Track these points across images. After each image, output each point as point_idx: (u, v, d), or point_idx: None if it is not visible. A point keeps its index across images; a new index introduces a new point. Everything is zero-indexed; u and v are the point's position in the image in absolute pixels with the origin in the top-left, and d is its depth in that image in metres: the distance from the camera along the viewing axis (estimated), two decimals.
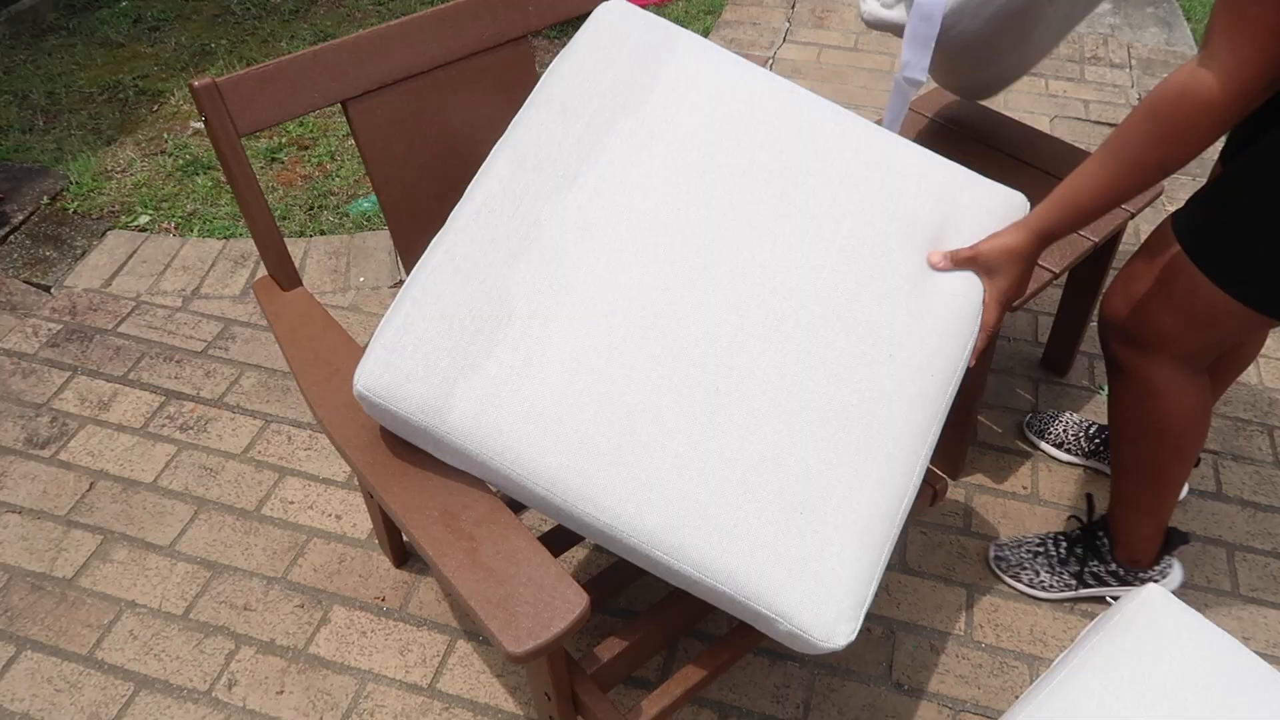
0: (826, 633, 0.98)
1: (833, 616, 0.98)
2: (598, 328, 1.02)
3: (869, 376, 1.06)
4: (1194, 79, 0.96)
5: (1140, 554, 1.48)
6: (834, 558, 0.99)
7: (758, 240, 1.09)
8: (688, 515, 0.98)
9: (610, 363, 1.01)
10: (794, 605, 0.98)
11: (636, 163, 1.10)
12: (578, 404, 0.99)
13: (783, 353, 1.05)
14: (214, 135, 1.16)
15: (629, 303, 1.04)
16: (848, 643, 0.99)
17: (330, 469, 1.80)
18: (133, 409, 1.92)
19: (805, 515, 1.00)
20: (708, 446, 1.00)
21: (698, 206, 1.09)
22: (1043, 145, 1.76)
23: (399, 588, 1.61)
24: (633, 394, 1.00)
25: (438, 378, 0.98)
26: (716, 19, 3.26)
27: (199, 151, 2.66)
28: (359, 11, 3.36)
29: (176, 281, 2.22)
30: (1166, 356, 1.23)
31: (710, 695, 1.45)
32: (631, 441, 0.99)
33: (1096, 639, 1.00)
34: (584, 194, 1.08)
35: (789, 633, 0.98)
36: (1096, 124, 2.73)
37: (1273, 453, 1.82)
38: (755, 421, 1.02)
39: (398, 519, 1.00)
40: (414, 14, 1.28)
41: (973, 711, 1.44)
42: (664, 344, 1.03)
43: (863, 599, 1.00)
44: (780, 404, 1.03)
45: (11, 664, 1.51)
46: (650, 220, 1.08)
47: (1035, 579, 1.56)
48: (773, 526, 0.99)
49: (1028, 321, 2.11)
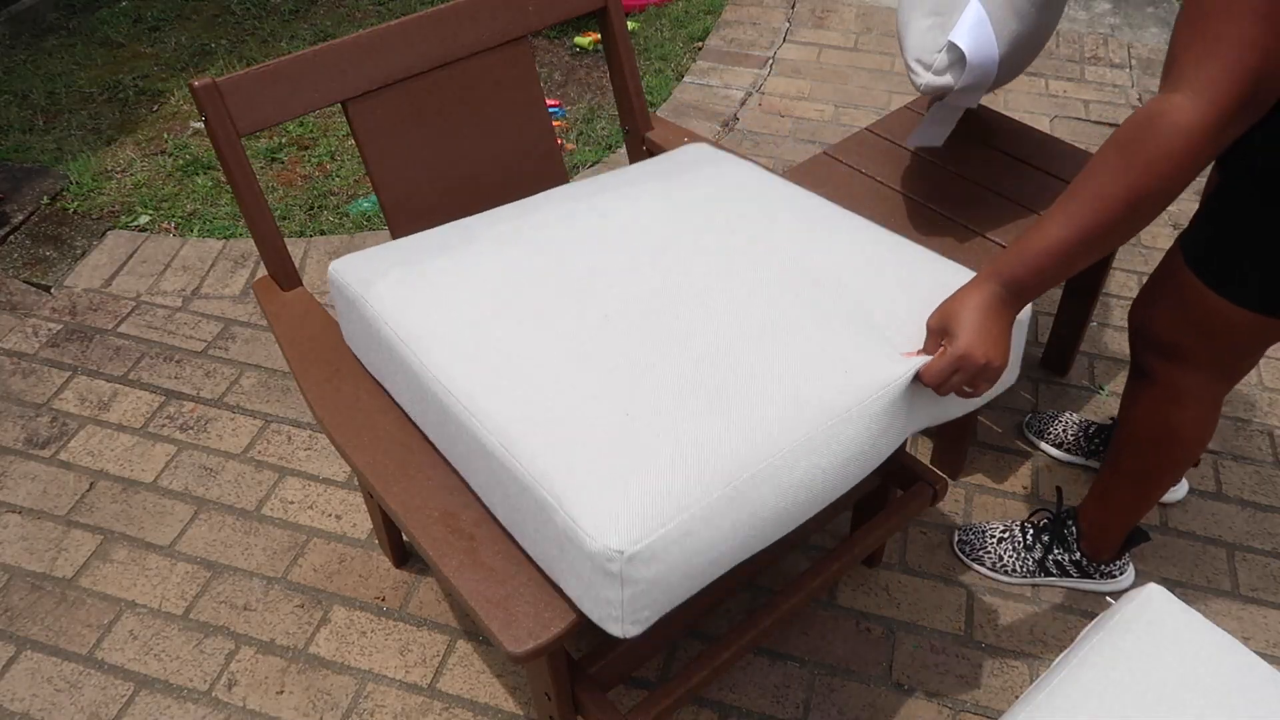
0: (597, 529, 0.85)
1: (611, 521, 0.86)
2: (532, 270, 1.14)
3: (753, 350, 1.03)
4: (1164, 103, 0.88)
5: (1105, 548, 1.52)
6: (652, 476, 0.89)
7: (696, 284, 1.13)
8: (532, 414, 0.96)
9: (525, 295, 1.11)
10: (580, 500, 0.87)
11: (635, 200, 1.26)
12: (486, 311, 1.10)
13: (682, 331, 1.05)
14: (214, 135, 1.16)
15: (567, 268, 1.14)
16: (611, 549, 0.84)
17: (330, 469, 1.80)
18: (133, 409, 1.92)
19: (632, 417, 0.94)
20: (585, 378, 0.99)
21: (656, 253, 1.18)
22: (1043, 145, 1.76)
23: (399, 588, 1.61)
24: (537, 317, 1.07)
25: (383, 266, 1.17)
26: (716, 19, 3.26)
27: (199, 151, 2.66)
28: (359, 11, 3.36)
29: (176, 281, 2.22)
30: (1191, 366, 1.23)
31: (710, 695, 1.45)
32: (516, 354, 1.03)
33: (1096, 639, 1.00)
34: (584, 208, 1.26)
35: (564, 525, 0.88)
36: (1096, 124, 2.73)
37: (1273, 453, 1.82)
38: (631, 368, 1.01)
39: (398, 519, 1.00)
40: (414, 14, 1.28)
41: (973, 711, 1.44)
42: (587, 304, 1.09)
43: (661, 521, 0.87)
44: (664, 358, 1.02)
45: (11, 664, 1.51)
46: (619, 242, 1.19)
47: (999, 563, 1.59)
48: (606, 434, 0.92)
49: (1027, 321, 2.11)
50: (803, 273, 1.13)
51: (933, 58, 1.36)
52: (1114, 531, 1.48)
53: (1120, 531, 1.48)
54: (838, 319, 1.07)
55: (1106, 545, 1.51)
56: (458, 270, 1.14)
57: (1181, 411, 1.27)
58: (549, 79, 2.98)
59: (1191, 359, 1.22)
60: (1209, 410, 1.27)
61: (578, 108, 2.83)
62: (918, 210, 1.62)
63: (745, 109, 2.80)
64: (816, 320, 1.06)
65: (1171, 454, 1.32)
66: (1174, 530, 1.69)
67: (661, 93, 2.88)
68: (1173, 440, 1.30)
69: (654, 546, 0.85)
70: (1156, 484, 1.37)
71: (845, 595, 1.58)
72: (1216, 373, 1.24)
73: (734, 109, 2.80)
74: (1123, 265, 2.24)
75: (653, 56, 3.06)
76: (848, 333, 1.05)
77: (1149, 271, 2.22)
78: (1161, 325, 1.23)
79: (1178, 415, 1.28)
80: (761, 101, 2.83)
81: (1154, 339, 1.25)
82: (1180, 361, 1.24)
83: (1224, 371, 1.23)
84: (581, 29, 3.20)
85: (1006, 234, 1.56)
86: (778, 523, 0.96)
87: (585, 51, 3.11)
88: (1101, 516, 1.48)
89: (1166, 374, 1.26)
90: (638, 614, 0.88)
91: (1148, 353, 1.27)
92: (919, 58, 1.37)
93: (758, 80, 2.93)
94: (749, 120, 2.75)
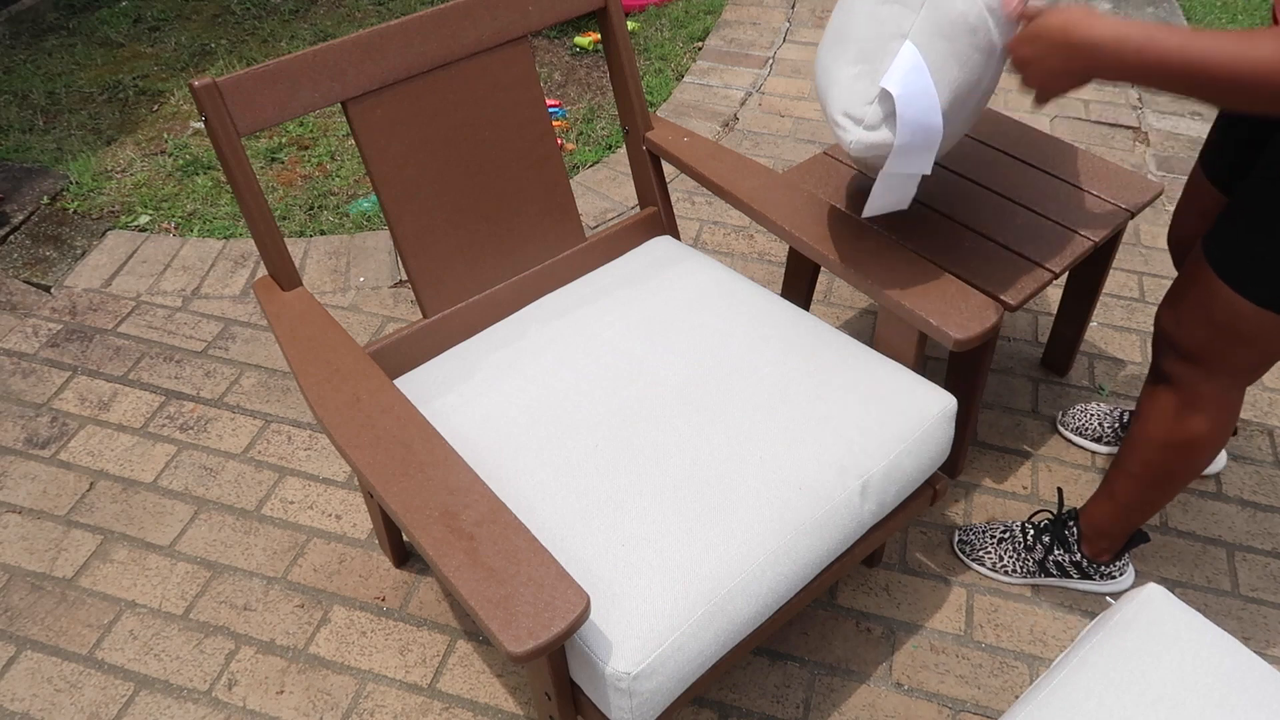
0: (607, 655, 1.01)
1: (618, 647, 1.01)
2: (530, 402, 1.28)
3: (733, 472, 1.18)
4: None
5: (1106, 550, 1.52)
6: (636, 591, 1.04)
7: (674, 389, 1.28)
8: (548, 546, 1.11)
9: (528, 431, 1.24)
10: (591, 630, 1.03)
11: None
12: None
13: (673, 436, 1.21)
14: (214, 135, 1.16)
15: (558, 399, 1.28)
16: (620, 671, 0.99)
17: (330, 469, 1.80)
18: (133, 409, 1.92)
19: (626, 547, 1.09)
20: (585, 510, 1.14)
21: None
22: (1043, 145, 1.76)
23: (399, 588, 1.61)
24: (538, 451, 1.21)
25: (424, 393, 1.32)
26: (716, 19, 3.26)
27: (199, 151, 2.66)
28: (359, 11, 3.36)
29: (176, 281, 2.22)
30: (1213, 372, 1.23)
31: (710, 695, 1.45)
32: (526, 490, 1.17)
33: (1096, 639, 1.00)
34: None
35: (581, 649, 1.03)
36: (1097, 124, 2.73)
37: (1273, 453, 1.82)
38: (619, 472, 1.17)
39: (398, 519, 1.00)
40: (414, 14, 1.28)
41: (973, 711, 1.44)
42: (580, 434, 1.22)
43: (658, 643, 1.02)
44: (658, 474, 1.17)
45: (11, 664, 1.51)
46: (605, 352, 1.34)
47: (999, 563, 1.60)
48: (610, 567, 1.07)
49: (1028, 321, 2.11)
50: (759, 389, 1.27)
51: (863, 110, 1.14)
52: (1117, 533, 1.48)
53: (1123, 533, 1.47)
54: (793, 433, 1.21)
55: (1108, 546, 1.51)
56: (467, 406, 1.29)
57: (1198, 417, 1.27)
58: (549, 79, 2.98)
59: (1214, 364, 1.22)
60: (1226, 416, 1.27)
61: (578, 108, 2.83)
62: (917, 210, 1.62)
63: (745, 109, 2.80)
64: (775, 438, 1.20)
65: (1184, 459, 1.32)
66: (1174, 530, 1.69)
67: (661, 93, 2.88)
68: (1187, 446, 1.30)
69: (653, 664, 1.01)
70: (1166, 488, 1.36)
71: (845, 595, 1.58)
72: (1237, 379, 1.23)
73: (734, 109, 2.80)
74: (1123, 265, 2.24)
75: (653, 56, 3.06)
76: (803, 448, 1.19)
77: (1149, 272, 2.22)
78: (1186, 329, 1.22)
79: (1194, 422, 1.27)
80: (761, 101, 2.83)
81: (1178, 343, 1.24)
82: (1202, 367, 1.23)
83: (1244, 377, 1.23)
84: (581, 29, 3.20)
85: (1006, 234, 1.56)
86: (753, 622, 1.12)
87: (585, 51, 3.11)
88: (1107, 517, 1.47)
89: (1187, 379, 1.25)
90: (645, 715, 1.05)
91: (1170, 356, 1.27)
92: (847, 111, 1.16)
93: (758, 80, 2.93)
94: (749, 120, 2.75)
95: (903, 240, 1.56)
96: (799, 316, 1.39)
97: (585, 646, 1.02)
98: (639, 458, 1.18)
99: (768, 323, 1.37)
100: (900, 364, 1.33)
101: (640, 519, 1.11)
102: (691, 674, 1.07)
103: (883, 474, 1.21)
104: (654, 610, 1.03)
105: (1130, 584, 1.59)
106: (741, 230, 2.36)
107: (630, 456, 1.18)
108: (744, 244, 2.32)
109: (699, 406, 1.24)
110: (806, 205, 1.42)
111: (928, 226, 1.59)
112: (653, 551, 1.08)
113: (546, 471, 1.18)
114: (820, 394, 1.26)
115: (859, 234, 1.36)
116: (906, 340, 1.32)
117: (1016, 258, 1.52)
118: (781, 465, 1.17)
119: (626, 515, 1.12)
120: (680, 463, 1.17)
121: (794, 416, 1.23)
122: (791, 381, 1.27)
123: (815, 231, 1.37)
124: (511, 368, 1.33)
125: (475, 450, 1.21)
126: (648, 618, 1.03)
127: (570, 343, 1.36)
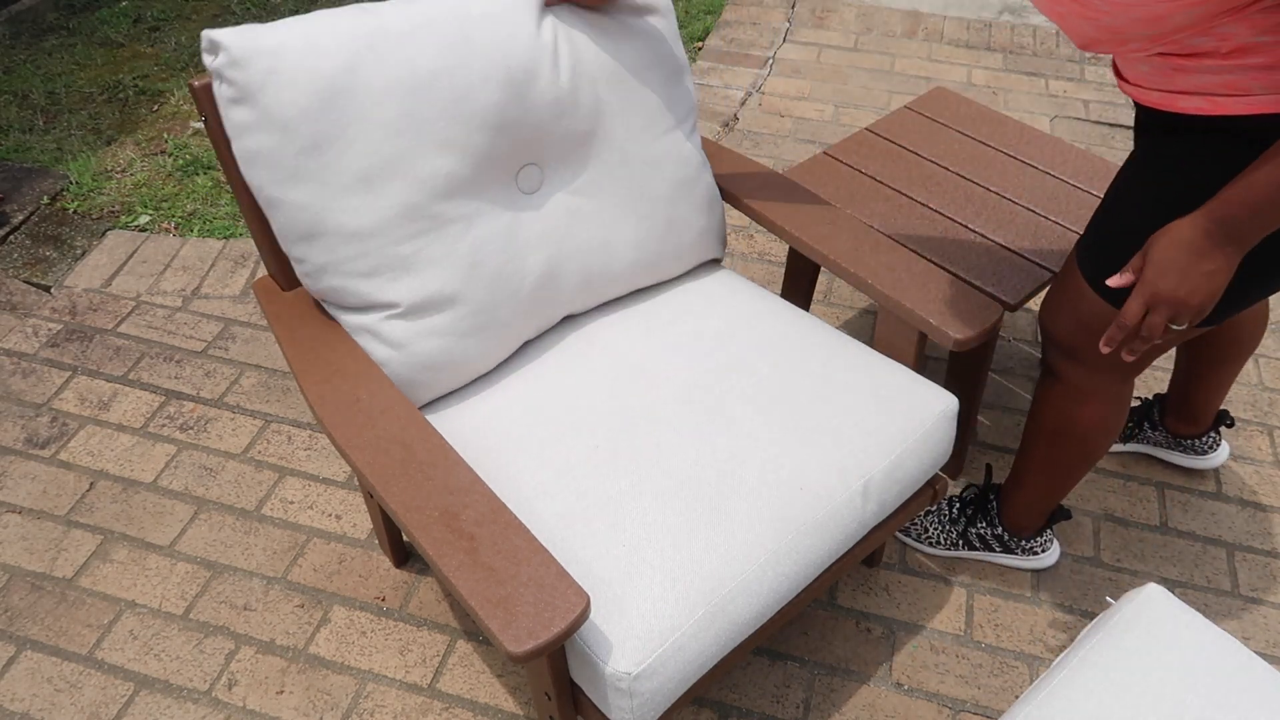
0: (608, 655, 1.01)
1: (619, 646, 1.01)
2: (533, 403, 1.27)
3: (732, 471, 1.17)
4: None
5: (1025, 525, 1.54)
6: (637, 591, 1.04)
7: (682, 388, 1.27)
8: (551, 547, 1.10)
9: (531, 430, 1.23)
10: (592, 630, 1.02)
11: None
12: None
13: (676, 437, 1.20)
14: (214, 135, 1.16)
15: (561, 400, 1.27)
16: (621, 671, 0.99)
17: (330, 469, 1.80)
18: (133, 409, 1.92)
19: (627, 547, 1.08)
20: (587, 510, 1.13)
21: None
22: (1043, 145, 1.76)
23: (399, 588, 1.61)
24: (539, 452, 1.20)
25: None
26: (716, 19, 3.26)
27: (199, 151, 2.66)
28: None
29: (176, 281, 2.22)
30: (1091, 367, 1.25)
31: (710, 695, 1.45)
32: (528, 490, 1.16)
33: (1096, 639, 1.00)
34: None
35: (582, 649, 1.03)
36: (1096, 124, 2.73)
37: (1273, 453, 1.82)
38: (622, 473, 1.17)
39: (398, 519, 1.00)
40: None
41: (973, 711, 1.44)
42: (581, 435, 1.22)
43: (660, 643, 1.02)
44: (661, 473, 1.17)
45: (11, 664, 1.51)
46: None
47: (924, 534, 1.62)
48: (613, 566, 1.07)
49: (1028, 322, 2.11)
50: (760, 389, 1.26)
51: None
52: (1033, 512, 1.51)
53: (1039, 512, 1.50)
54: (794, 434, 1.20)
55: (1028, 522, 1.53)
56: (467, 406, 1.28)
57: (1083, 409, 1.30)
58: None
59: (1089, 360, 1.23)
60: (1111, 407, 1.29)
61: None
62: (917, 210, 1.62)
63: (745, 109, 2.80)
64: (776, 438, 1.20)
65: (1079, 449, 1.35)
66: (1174, 530, 1.69)
67: None
68: (1075, 435, 1.33)
69: (654, 664, 1.01)
70: (1065, 473, 1.40)
71: (845, 595, 1.59)
72: (1115, 374, 1.25)
73: (734, 109, 2.80)
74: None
75: None
76: (804, 448, 1.19)
77: None
78: (1059, 326, 1.24)
79: (1079, 412, 1.30)
80: (761, 101, 2.83)
81: (1057, 341, 1.26)
82: (1080, 362, 1.25)
83: (1122, 371, 1.25)
84: None
85: (1007, 234, 1.57)
86: (754, 623, 1.12)
87: None
88: (1020, 504, 1.51)
89: (1070, 373, 1.28)
90: (645, 716, 1.05)
91: (1053, 353, 1.29)
92: None
93: (758, 80, 2.93)
94: (749, 120, 2.75)
95: (903, 240, 1.56)
96: (799, 316, 1.39)
97: (585, 646, 1.02)
98: (639, 458, 1.18)
99: (768, 323, 1.37)
100: (901, 364, 1.33)
101: (641, 519, 1.11)
102: (692, 674, 1.06)
103: (884, 474, 1.21)
104: (655, 610, 1.03)
105: (1054, 561, 1.60)
106: (741, 230, 2.36)
107: (631, 457, 1.18)
108: (744, 244, 2.32)
109: (699, 407, 1.24)
110: (806, 205, 1.42)
111: (928, 226, 1.59)
112: (653, 551, 1.08)
113: (547, 472, 1.17)
114: (821, 394, 1.26)
115: (859, 234, 1.36)
116: (906, 340, 1.32)
117: (1016, 258, 1.53)
118: (782, 466, 1.17)
119: (627, 515, 1.11)
120: (681, 463, 1.17)
121: (795, 417, 1.23)
122: (792, 382, 1.27)
123: (815, 231, 1.37)
124: (511, 368, 1.32)
125: (475, 450, 1.21)
126: (648, 618, 1.03)
127: (570, 343, 1.36)
